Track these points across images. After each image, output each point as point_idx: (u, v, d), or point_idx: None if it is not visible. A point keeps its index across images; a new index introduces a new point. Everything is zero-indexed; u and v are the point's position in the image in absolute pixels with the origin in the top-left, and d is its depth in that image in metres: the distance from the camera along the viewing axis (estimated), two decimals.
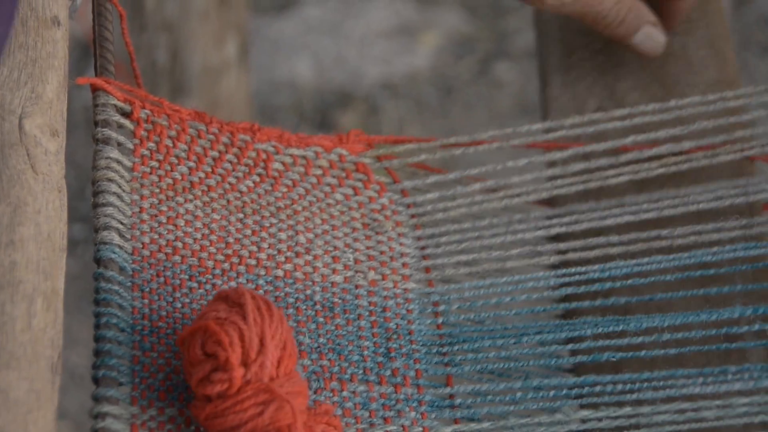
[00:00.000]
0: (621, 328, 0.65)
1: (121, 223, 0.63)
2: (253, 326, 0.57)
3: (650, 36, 0.75)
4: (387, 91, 1.71)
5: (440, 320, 0.66)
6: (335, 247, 0.67)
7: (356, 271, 0.67)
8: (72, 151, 0.65)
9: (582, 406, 0.63)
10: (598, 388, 0.63)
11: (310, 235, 0.67)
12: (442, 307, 0.66)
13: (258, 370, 0.56)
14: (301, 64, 1.74)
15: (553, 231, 0.69)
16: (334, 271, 0.67)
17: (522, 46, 1.75)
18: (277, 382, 0.56)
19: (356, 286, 0.66)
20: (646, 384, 0.63)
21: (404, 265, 0.68)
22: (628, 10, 0.74)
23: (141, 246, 0.63)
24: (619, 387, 0.63)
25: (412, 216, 0.69)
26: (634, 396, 0.63)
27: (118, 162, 0.65)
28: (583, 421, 0.63)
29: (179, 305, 0.62)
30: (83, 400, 1.50)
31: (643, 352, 0.64)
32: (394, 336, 0.65)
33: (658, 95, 0.76)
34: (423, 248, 0.69)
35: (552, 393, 0.63)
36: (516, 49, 0.79)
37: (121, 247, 0.62)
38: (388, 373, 0.63)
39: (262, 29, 1.71)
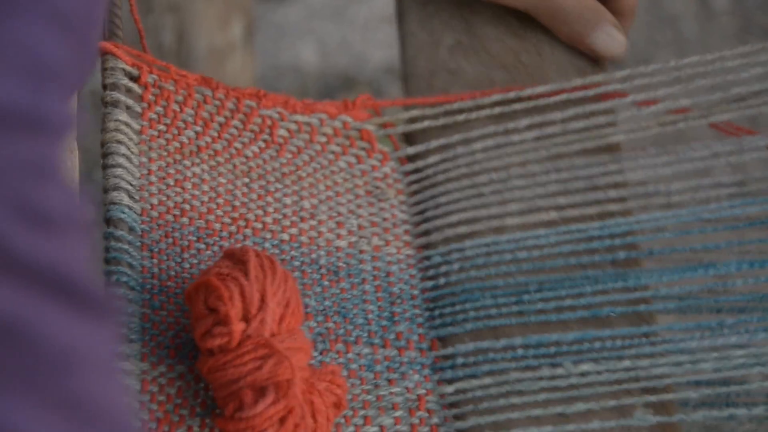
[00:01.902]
0: (620, 284, 0.66)
1: (131, 185, 0.64)
2: (254, 282, 0.58)
3: (611, 35, 0.73)
4: (391, 75, 1.72)
5: (442, 281, 0.67)
6: (339, 213, 0.69)
7: (360, 237, 0.68)
8: (79, 135, 0.66)
9: (582, 361, 0.64)
10: (597, 344, 0.64)
11: (315, 201, 0.69)
12: (443, 269, 0.67)
13: (258, 326, 0.57)
14: (305, 49, 1.75)
15: (552, 188, 0.70)
16: (338, 236, 0.68)
17: None
18: (278, 338, 0.58)
19: (360, 251, 0.68)
20: (644, 339, 0.64)
21: (406, 232, 0.69)
22: (586, 7, 0.73)
23: (150, 207, 0.65)
24: (618, 342, 0.64)
25: (410, 183, 0.71)
26: (633, 351, 0.64)
27: (127, 125, 0.66)
28: (583, 374, 0.63)
29: (187, 266, 0.64)
30: None
31: (642, 307, 0.65)
32: (398, 300, 0.66)
33: (513, 27, 0.75)
34: (422, 212, 0.70)
35: (552, 349, 0.64)
36: None
37: (130, 208, 0.64)
38: (393, 336, 0.65)
39: (266, 15, 1.72)
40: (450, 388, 0.64)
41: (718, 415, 0.63)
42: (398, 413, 0.63)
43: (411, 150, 0.72)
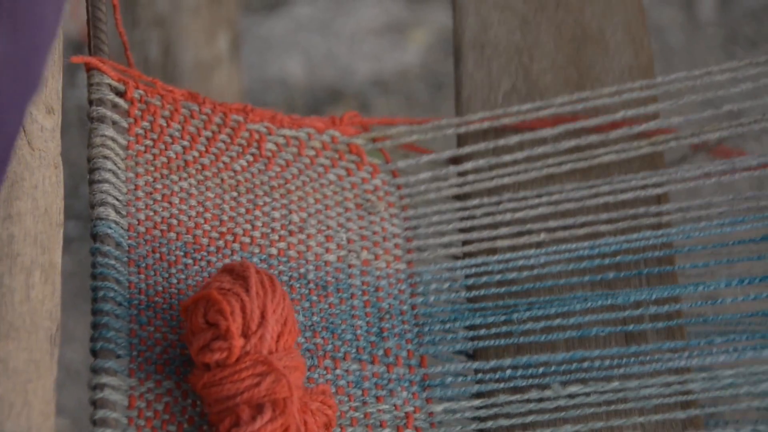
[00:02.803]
0: (609, 302, 0.65)
1: (117, 200, 0.64)
2: (255, 299, 0.58)
3: None
4: (377, 87, 1.72)
5: (432, 299, 0.67)
6: (328, 227, 0.68)
7: (349, 251, 0.68)
8: (66, 150, 0.66)
9: (570, 382, 0.63)
10: (586, 364, 0.64)
11: (304, 215, 0.68)
12: (433, 287, 0.67)
13: (258, 342, 0.58)
14: (292, 62, 1.75)
15: (543, 210, 0.69)
16: (327, 250, 0.68)
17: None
18: (276, 356, 0.58)
19: (349, 266, 0.67)
20: (633, 358, 0.64)
21: (396, 246, 0.69)
22: None
23: (137, 222, 0.64)
24: (607, 362, 0.64)
25: (402, 197, 0.70)
26: (622, 371, 0.63)
27: (113, 140, 0.66)
28: (572, 396, 0.63)
29: (175, 281, 0.63)
30: (80, 396, 1.49)
31: (631, 326, 0.65)
32: (387, 316, 0.66)
33: (573, 79, 0.75)
34: (414, 228, 0.69)
35: (541, 369, 0.64)
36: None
37: (117, 223, 0.63)
38: (381, 352, 0.64)
39: (253, 28, 1.71)
40: (439, 407, 0.64)
41: None
42: (386, 431, 0.63)
43: (402, 164, 0.72)
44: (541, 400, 0.64)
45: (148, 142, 0.68)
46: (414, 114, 1.66)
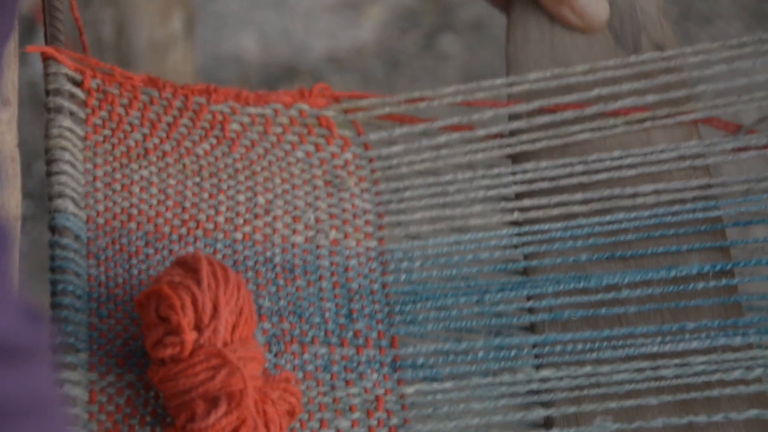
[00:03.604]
0: (582, 285, 0.64)
1: (76, 192, 0.63)
2: (206, 291, 0.58)
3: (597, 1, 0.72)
4: (333, 64, 1.70)
5: (403, 278, 0.65)
6: (296, 207, 0.67)
7: (317, 231, 0.66)
8: (18, 128, 0.65)
9: (543, 366, 0.62)
10: (558, 347, 0.63)
11: (270, 196, 0.67)
12: (405, 265, 0.65)
13: (211, 335, 0.57)
14: (246, 39, 1.72)
15: (517, 188, 0.68)
16: (294, 231, 0.66)
17: (467, 19, 1.74)
18: (230, 348, 0.57)
19: (317, 246, 0.66)
20: (605, 343, 0.63)
21: (367, 222, 0.67)
22: None
23: (95, 214, 0.63)
24: (579, 346, 0.62)
25: (374, 170, 0.68)
26: (594, 355, 0.62)
27: (71, 131, 0.66)
28: (544, 380, 0.62)
29: (136, 272, 0.62)
30: None
31: (603, 310, 0.64)
32: (357, 296, 0.64)
33: None
34: (386, 203, 0.67)
35: (513, 352, 0.63)
36: (461, 22, 0.79)
37: (75, 215, 0.63)
38: (350, 334, 0.63)
39: (207, 4, 1.69)
40: (410, 389, 0.63)
41: (678, 422, 0.61)
42: (356, 415, 0.62)
43: (374, 136, 0.70)
44: (513, 383, 0.63)
45: (107, 132, 0.67)
46: (370, 90, 1.64)
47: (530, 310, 0.65)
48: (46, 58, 0.66)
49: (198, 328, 0.57)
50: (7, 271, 0.40)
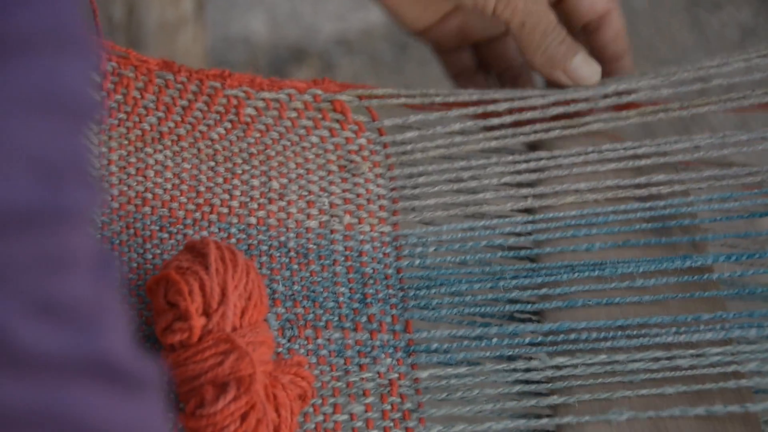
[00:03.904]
0: (597, 273, 0.64)
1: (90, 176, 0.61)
2: (214, 276, 0.58)
3: (588, 61, 0.72)
4: (342, 47, 1.69)
5: (417, 263, 0.65)
6: (310, 192, 0.66)
7: (332, 216, 0.66)
8: None
9: (557, 353, 0.61)
10: (573, 335, 0.62)
11: (284, 180, 0.66)
12: (419, 250, 0.65)
13: (220, 320, 0.57)
14: (255, 20, 1.72)
15: (531, 175, 0.68)
16: (308, 216, 0.66)
17: None
18: (239, 333, 0.57)
19: (331, 231, 0.65)
20: (620, 332, 0.62)
21: (381, 207, 0.67)
22: (566, 35, 0.72)
23: (110, 198, 0.63)
24: (594, 334, 0.62)
25: (389, 155, 0.68)
26: (609, 344, 0.62)
27: None
28: (558, 367, 0.61)
29: (150, 256, 0.62)
30: None
31: (617, 299, 0.63)
32: (371, 281, 0.64)
33: None
34: (400, 189, 0.67)
35: (527, 339, 0.62)
36: None
37: None
38: (364, 319, 0.63)
39: None
40: (424, 374, 0.63)
41: (693, 411, 0.61)
42: (369, 399, 0.62)
43: (389, 122, 0.69)
44: (527, 370, 0.62)
45: (122, 116, 0.67)
46: (379, 74, 1.64)
47: (544, 297, 0.65)
48: None
49: (206, 313, 0.57)
50: (118, 299, 0.40)
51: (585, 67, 0.71)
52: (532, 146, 0.71)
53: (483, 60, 0.78)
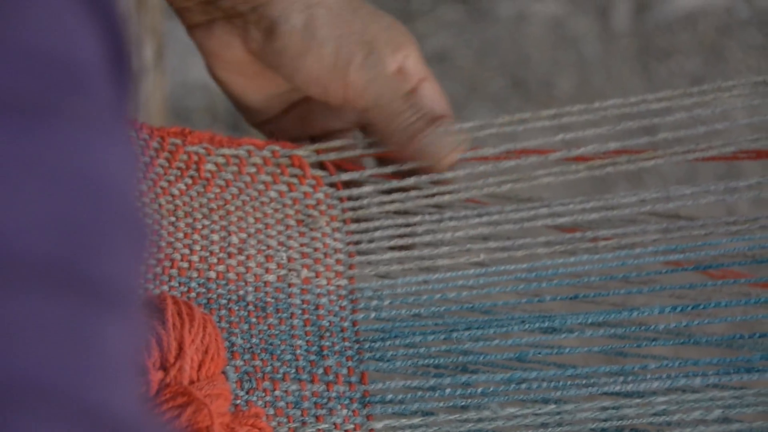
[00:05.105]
0: (546, 324, 0.65)
1: None
2: (171, 331, 0.59)
3: (443, 135, 0.70)
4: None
5: (373, 316, 0.66)
6: (268, 246, 0.68)
7: (289, 270, 0.67)
8: None
9: (508, 403, 0.63)
10: (524, 385, 0.64)
11: (243, 235, 0.68)
12: (374, 303, 0.67)
13: (177, 374, 0.58)
14: None
15: (483, 230, 0.69)
16: (267, 270, 0.67)
17: (431, 50, 1.76)
18: (197, 386, 0.59)
19: (289, 285, 0.67)
20: (569, 382, 0.64)
21: (338, 261, 0.68)
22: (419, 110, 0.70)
23: None
24: (544, 384, 0.64)
25: (345, 210, 0.69)
26: (558, 393, 0.63)
27: None
28: (509, 417, 0.63)
29: None
30: None
31: (567, 350, 0.65)
32: (327, 334, 0.65)
33: None
34: (356, 243, 0.69)
35: (480, 389, 0.64)
36: (425, 53, 0.80)
37: None
38: (321, 371, 0.64)
39: (174, 32, 1.69)
40: (379, 424, 0.64)
41: None
42: None
43: (346, 176, 0.71)
44: (480, 420, 0.64)
45: None
46: None
47: (496, 348, 0.67)
48: None
49: (164, 367, 0.58)
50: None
51: (438, 141, 0.69)
52: (486, 200, 0.73)
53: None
